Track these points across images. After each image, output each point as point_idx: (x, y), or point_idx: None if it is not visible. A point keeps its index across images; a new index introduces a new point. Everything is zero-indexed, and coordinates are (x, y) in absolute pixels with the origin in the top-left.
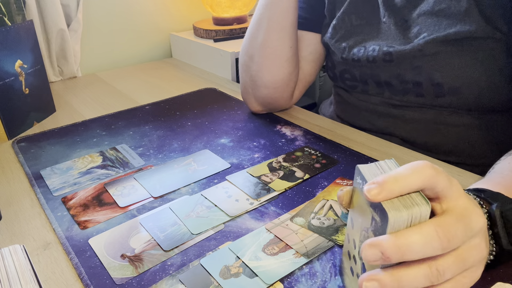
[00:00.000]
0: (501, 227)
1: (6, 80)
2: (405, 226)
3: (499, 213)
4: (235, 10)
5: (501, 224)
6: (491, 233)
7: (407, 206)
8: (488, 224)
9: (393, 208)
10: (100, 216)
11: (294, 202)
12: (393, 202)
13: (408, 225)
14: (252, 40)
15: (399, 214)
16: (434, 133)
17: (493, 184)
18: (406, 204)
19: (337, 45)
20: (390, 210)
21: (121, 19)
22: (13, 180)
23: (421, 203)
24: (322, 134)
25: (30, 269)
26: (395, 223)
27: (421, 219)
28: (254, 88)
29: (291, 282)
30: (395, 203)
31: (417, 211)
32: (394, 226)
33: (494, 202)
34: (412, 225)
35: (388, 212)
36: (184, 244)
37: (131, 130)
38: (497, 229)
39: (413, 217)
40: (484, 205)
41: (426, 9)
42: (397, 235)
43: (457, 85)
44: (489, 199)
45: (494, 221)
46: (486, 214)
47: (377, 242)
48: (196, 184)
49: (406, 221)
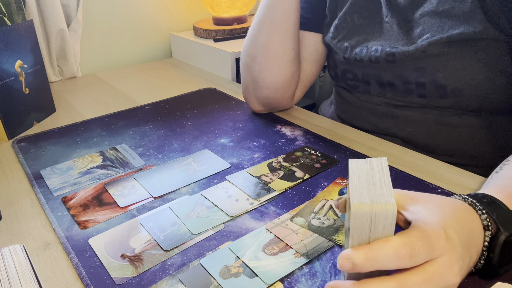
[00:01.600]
0: (497, 254)
1: (6, 80)
2: (369, 221)
3: (502, 242)
4: (235, 10)
5: (498, 251)
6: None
7: (374, 201)
8: (486, 246)
9: (358, 200)
10: (100, 216)
11: (294, 202)
12: (362, 194)
13: (372, 221)
14: (253, 41)
15: (362, 206)
16: (436, 134)
17: (506, 195)
18: (374, 199)
19: (339, 45)
20: (354, 202)
21: (121, 19)
22: (13, 180)
23: (388, 202)
24: (322, 134)
25: (30, 269)
26: (357, 213)
27: (387, 218)
28: (255, 89)
29: (291, 282)
30: (363, 196)
31: (381, 208)
32: (357, 216)
33: (504, 227)
34: (376, 222)
35: (351, 203)
36: (184, 244)
37: (131, 130)
38: (493, 254)
39: (377, 213)
40: (491, 227)
41: (429, 9)
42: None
43: (460, 87)
44: (498, 222)
45: (493, 247)
46: (489, 237)
47: (348, 256)
48: (196, 184)
49: (369, 215)
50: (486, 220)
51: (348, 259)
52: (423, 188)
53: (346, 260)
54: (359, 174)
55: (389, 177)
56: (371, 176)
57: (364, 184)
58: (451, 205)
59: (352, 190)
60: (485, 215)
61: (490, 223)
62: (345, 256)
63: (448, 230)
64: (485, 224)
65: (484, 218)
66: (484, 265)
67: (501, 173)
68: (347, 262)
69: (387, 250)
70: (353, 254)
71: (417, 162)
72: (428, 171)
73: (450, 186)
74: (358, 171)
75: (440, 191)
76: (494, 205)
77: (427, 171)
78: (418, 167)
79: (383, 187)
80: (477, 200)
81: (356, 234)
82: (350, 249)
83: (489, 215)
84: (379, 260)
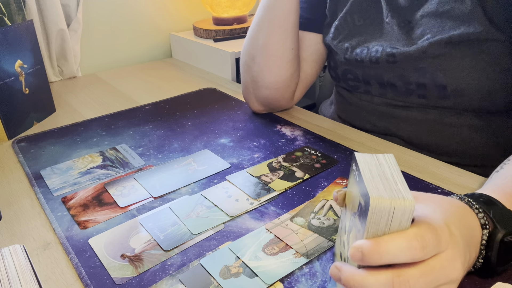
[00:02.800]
0: (495, 252)
1: (6, 80)
2: (386, 216)
3: (499, 240)
4: (235, 10)
5: (496, 250)
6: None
7: (392, 196)
8: (484, 245)
9: (377, 194)
10: (100, 216)
11: (294, 202)
12: (379, 189)
13: (390, 216)
14: (253, 41)
15: (381, 200)
16: (436, 134)
17: (504, 194)
18: (392, 195)
19: (340, 45)
20: (373, 195)
21: (121, 19)
22: (13, 180)
23: (407, 198)
24: (322, 134)
25: (30, 269)
26: (376, 208)
27: (404, 214)
28: (255, 89)
29: (291, 282)
30: (380, 191)
31: (400, 204)
32: (375, 211)
33: (501, 225)
34: (394, 218)
35: (370, 196)
36: (184, 244)
37: (131, 130)
38: (491, 252)
39: (396, 208)
40: (488, 225)
41: (430, 10)
42: (377, 240)
43: (461, 87)
44: (495, 220)
45: (491, 245)
46: (487, 235)
47: (360, 245)
48: (196, 184)
49: (388, 211)
50: (483, 219)
51: (358, 249)
52: (423, 188)
53: (356, 250)
54: (370, 168)
55: (401, 173)
56: (382, 172)
57: (377, 179)
58: (451, 204)
59: (367, 183)
60: (482, 214)
61: (487, 222)
62: (357, 246)
63: (450, 226)
64: (482, 223)
65: (481, 217)
66: (483, 264)
67: (501, 172)
68: (357, 252)
69: (399, 240)
70: (364, 244)
71: (417, 162)
72: (428, 171)
73: (450, 186)
74: (367, 165)
75: (440, 191)
76: (490, 203)
77: (427, 171)
78: (418, 167)
79: (397, 183)
80: (473, 199)
81: (372, 228)
82: (362, 239)
83: (486, 214)
84: (390, 251)
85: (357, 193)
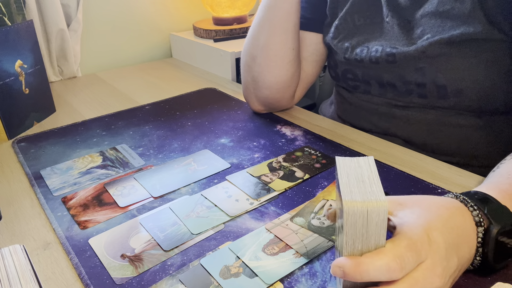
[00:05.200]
0: (491, 249)
1: (6, 80)
2: (361, 219)
3: (495, 236)
4: (235, 10)
5: (492, 246)
6: (481, 252)
7: (365, 199)
8: (480, 242)
9: (350, 198)
10: (100, 216)
11: (294, 202)
12: (352, 192)
13: (365, 218)
14: (254, 42)
15: (354, 204)
16: (436, 134)
17: (499, 191)
18: (365, 197)
19: (340, 45)
20: (346, 199)
21: (121, 19)
22: (13, 180)
23: (379, 200)
24: (322, 134)
25: (30, 269)
26: (350, 211)
27: (379, 215)
28: (256, 89)
29: (291, 282)
30: (354, 194)
31: (373, 206)
32: (350, 214)
33: (496, 221)
34: (369, 219)
35: (343, 200)
36: (184, 244)
37: (131, 130)
38: (487, 249)
39: (369, 210)
40: (483, 222)
41: (430, 10)
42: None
43: (460, 87)
44: (489, 216)
45: (487, 241)
46: (482, 232)
47: (341, 264)
48: (196, 184)
49: (362, 213)
50: (478, 216)
51: (340, 268)
52: (423, 188)
53: (338, 268)
54: (348, 171)
55: (378, 175)
56: (359, 174)
57: (354, 182)
58: (440, 206)
59: (342, 187)
60: (477, 211)
61: (482, 219)
62: (338, 264)
63: (432, 233)
64: (477, 221)
65: (476, 215)
66: (481, 262)
67: (497, 171)
68: (339, 270)
69: (379, 263)
70: (345, 264)
71: (417, 162)
72: (428, 171)
73: (450, 186)
74: (346, 168)
75: (440, 191)
76: (485, 200)
77: (427, 171)
78: (418, 167)
79: (372, 185)
80: (468, 197)
81: (350, 231)
82: (344, 257)
83: (481, 211)
84: (370, 273)
85: (339, 197)
